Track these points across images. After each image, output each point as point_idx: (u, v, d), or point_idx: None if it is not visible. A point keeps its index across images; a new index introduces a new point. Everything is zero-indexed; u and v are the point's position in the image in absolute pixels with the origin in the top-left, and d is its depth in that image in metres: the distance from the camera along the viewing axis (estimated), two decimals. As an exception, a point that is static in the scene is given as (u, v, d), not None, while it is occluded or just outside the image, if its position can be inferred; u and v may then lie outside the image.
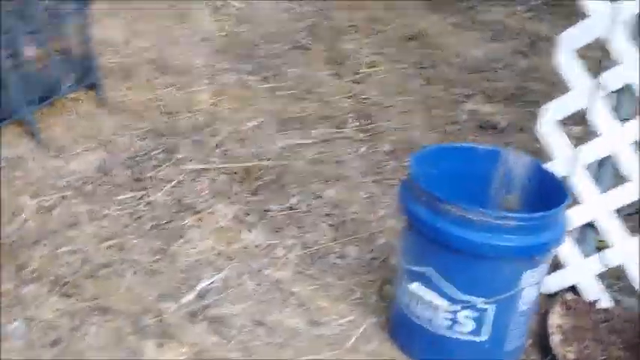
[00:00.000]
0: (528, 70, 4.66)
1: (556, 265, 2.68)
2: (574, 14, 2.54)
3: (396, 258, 2.77)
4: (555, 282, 2.70)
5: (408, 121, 3.93)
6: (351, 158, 3.59)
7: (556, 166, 2.62)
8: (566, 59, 2.56)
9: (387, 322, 2.59)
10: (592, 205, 2.60)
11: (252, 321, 2.58)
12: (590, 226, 2.65)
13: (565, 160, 2.62)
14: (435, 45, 4.85)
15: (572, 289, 2.72)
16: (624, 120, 2.53)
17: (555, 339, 2.53)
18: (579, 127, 2.73)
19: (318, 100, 4.07)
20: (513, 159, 2.53)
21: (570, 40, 2.53)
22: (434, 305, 2.34)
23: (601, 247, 2.67)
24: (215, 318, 2.58)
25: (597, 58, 2.50)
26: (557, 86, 4.47)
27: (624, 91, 2.51)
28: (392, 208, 3.25)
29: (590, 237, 2.68)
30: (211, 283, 2.73)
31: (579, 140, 2.61)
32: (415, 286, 2.36)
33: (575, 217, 2.58)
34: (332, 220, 3.15)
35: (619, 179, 2.60)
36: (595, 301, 2.68)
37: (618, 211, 2.62)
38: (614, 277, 2.75)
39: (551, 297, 2.69)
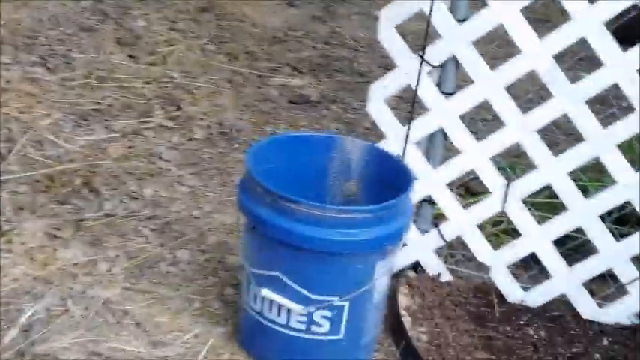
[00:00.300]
0: (329, 36, 4.59)
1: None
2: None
3: (237, 259, 2.61)
4: (397, 261, 2.65)
5: (218, 103, 3.73)
6: (163, 150, 3.35)
7: (390, 146, 2.55)
8: (388, 36, 2.48)
9: (236, 330, 2.42)
10: (426, 181, 2.57)
11: (86, 353, 2.32)
12: (426, 201, 2.63)
13: (397, 138, 2.56)
14: (230, 15, 4.64)
15: (414, 267, 2.69)
16: (448, 94, 2.50)
17: (406, 321, 2.49)
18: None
19: (117, 88, 3.76)
20: (350, 145, 2.43)
21: (392, 16, 2.45)
22: (287, 309, 2.20)
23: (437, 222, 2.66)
24: (45, 355, 2.29)
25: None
26: (360, 53, 4.55)
27: (445, 66, 2.48)
28: (217, 201, 3.07)
29: (427, 212, 2.66)
30: (34, 314, 2.42)
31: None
32: (265, 292, 2.21)
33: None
34: (155, 223, 2.91)
35: (451, 153, 2.59)
36: (438, 275, 2.67)
37: (451, 184, 2.61)
38: (453, 249, 2.76)
39: (395, 276, 2.64)
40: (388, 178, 2.36)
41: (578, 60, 2.84)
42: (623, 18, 2.30)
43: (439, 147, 2.59)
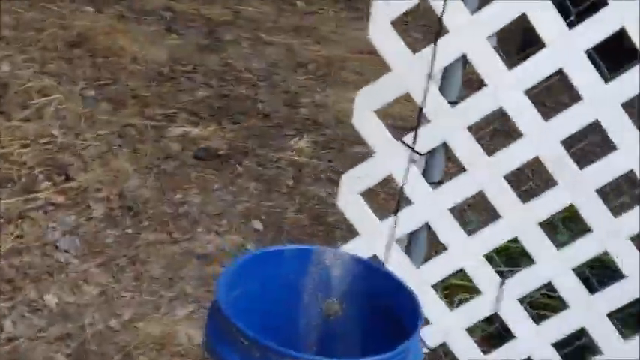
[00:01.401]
0: (221, 70, 4.10)
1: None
2: None
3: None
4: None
5: (113, 167, 3.17)
6: (59, 237, 2.77)
7: (364, 244, 2.15)
8: (364, 120, 2.07)
9: None
10: (408, 282, 2.18)
11: None
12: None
13: (373, 235, 2.16)
14: (105, 50, 4.04)
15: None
16: (435, 184, 2.12)
17: None
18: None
19: (-13, 154, 3.13)
20: (330, 257, 2.00)
21: (369, 101, 2.04)
22: None
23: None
24: None
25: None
26: (260, 88, 4.09)
27: (433, 153, 2.10)
28: (137, 303, 2.55)
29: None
30: None
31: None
32: None
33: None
34: (68, 344, 2.36)
35: (438, 246, 2.22)
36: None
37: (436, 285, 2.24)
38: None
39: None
40: (377, 293, 1.95)
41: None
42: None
43: (422, 243, 2.21)
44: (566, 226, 2.46)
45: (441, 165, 2.12)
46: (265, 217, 3.10)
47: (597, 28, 1.89)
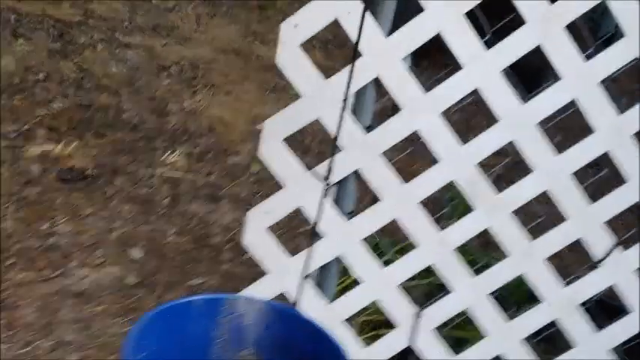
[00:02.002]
0: (78, 77, 3.76)
1: None
2: None
3: None
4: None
5: (-33, 197, 2.82)
6: None
7: (273, 281, 1.98)
8: (273, 151, 1.89)
9: None
10: (320, 319, 2.03)
11: None
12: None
13: (282, 272, 1.99)
14: (-58, 59, 3.62)
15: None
16: (349, 214, 1.97)
17: None
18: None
19: None
20: (241, 304, 1.81)
21: (278, 130, 1.85)
22: None
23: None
24: None
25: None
26: (122, 96, 3.78)
27: (345, 182, 1.94)
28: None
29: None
30: None
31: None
32: None
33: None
34: None
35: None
36: None
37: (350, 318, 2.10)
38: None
39: None
40: (296, 341, 1.79)
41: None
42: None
43: (334, 277, 2.06)
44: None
45: (353, 194, 1.97)
46: (144, 243, 2.85)
47: (515, 46, 1.80)
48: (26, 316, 2.43)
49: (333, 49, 4.39)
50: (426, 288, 2.31)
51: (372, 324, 2.36)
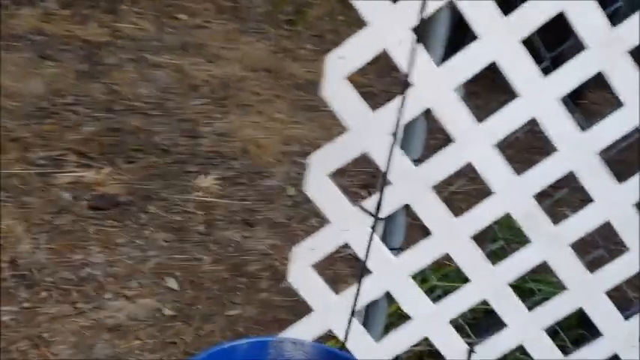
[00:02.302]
0: (107, 100, 3.71)
1: None
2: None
3: None
4: None
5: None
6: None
7: (318, 318, 1.90)
8: (318, 186, 1.80)
9: None
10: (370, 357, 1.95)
11: None
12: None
13: (326, 309, 1.90)
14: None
15: None
16: (396, 250, 1.89)
17: None
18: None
19: None
20: (290, 348, 1.73)
21: (324, 163, 1.77)
22: None
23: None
24: None
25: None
26: (153, 117, 3.72)
27: (394, 217, 1.85)
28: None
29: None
30: None
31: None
32: None
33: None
34: None
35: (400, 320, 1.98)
36: None
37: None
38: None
39: None
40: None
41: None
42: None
43: (382, 314, 1.97)
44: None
45: (402, 230, 1.88)
46: (179, 272, 2.78)
47: (573, 74, 1.71)
48: (61, 352, 2.36)
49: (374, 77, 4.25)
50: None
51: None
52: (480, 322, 2.19)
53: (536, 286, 2.32)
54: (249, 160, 3.45)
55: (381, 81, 3.85)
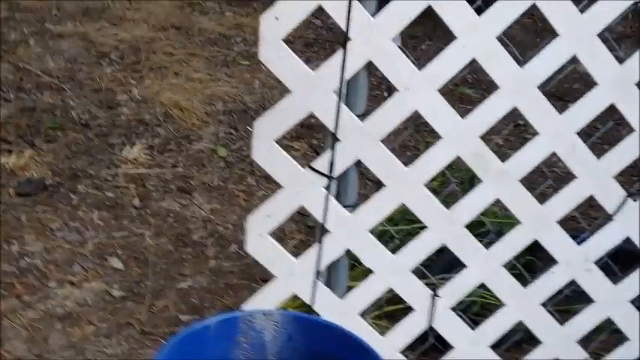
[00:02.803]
0: (16, 77, 3.54)
1: None
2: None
3: None
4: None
5: None
6: None
7: (281, 284, 1.88)
8: (266, 152, 1.75)
9: None
10: (333, 315, 1.94)
11: None
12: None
13: (289, 274, 1.88)
14: None
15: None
16: (351, 207, 1.87)
17: None
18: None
19: None
20: (261, 321, 1.70)
21: (270, 128, 1.72)
22: None
23: None
24: None
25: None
26: (67, 92, 3.56)
27: (346, 175, 1.83)
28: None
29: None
30: None
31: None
32: None
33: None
34: None
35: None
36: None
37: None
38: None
39: None
40: (322, 350, 1.70)
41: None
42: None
43: (344, 272, 1.97)
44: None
45: (355, 187, 1.87)
46: (122, 250, 2.70)
47: (505, 11, 1.70)
48: (16, 349, 2.28)
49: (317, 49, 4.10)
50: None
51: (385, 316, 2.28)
52: (435, 263, 2.20)
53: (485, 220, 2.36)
54: (173, 124, 3.37)
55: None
